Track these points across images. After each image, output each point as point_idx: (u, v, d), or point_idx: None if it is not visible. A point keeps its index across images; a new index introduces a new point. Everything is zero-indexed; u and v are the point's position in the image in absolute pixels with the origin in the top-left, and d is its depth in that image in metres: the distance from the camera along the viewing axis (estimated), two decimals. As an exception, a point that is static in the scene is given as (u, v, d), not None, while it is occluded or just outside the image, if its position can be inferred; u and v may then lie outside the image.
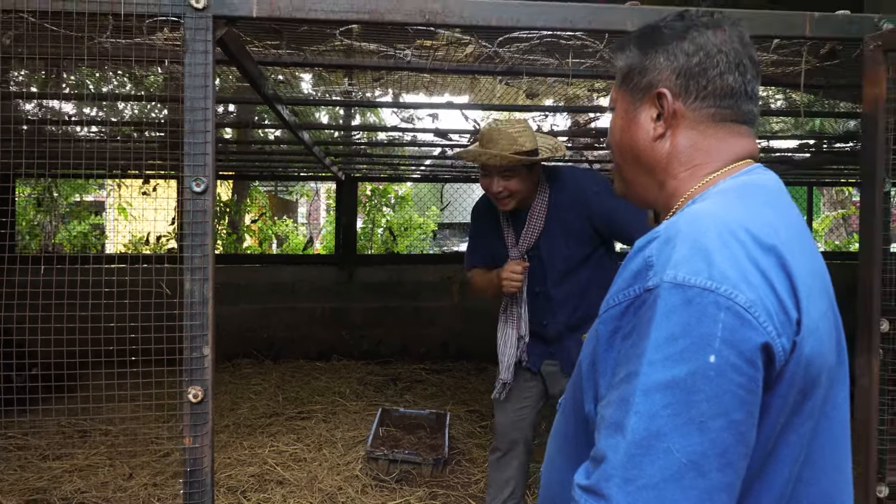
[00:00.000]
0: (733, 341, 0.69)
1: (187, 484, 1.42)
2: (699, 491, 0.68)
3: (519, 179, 2.22)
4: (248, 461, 3.75)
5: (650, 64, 0.92)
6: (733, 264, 0.72)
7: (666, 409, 0.69)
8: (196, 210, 1.40)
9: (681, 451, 0.68)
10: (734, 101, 0.90)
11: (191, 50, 1.38)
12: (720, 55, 0.89)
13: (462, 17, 1.45)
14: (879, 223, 1.53)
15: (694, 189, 0.91)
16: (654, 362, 0.70)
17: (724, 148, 0.91)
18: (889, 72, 1.52)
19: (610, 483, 0.70)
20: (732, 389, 0.69)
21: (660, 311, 0.71)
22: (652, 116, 0.93)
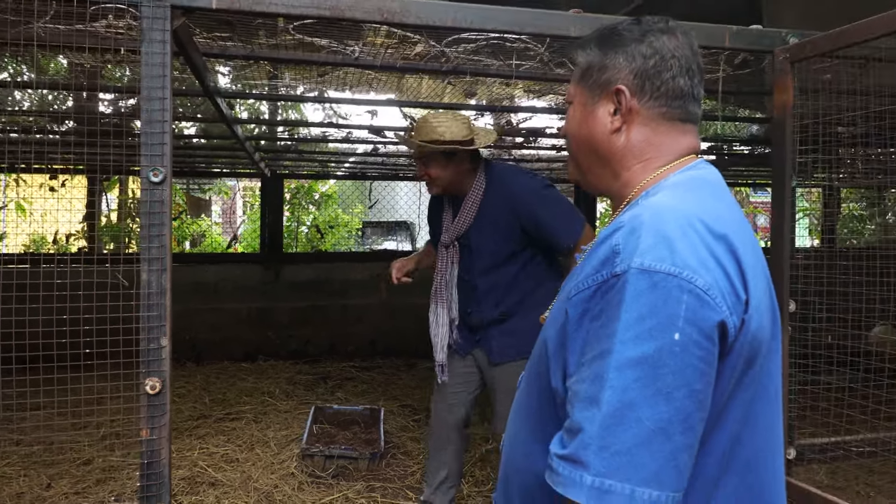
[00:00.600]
0: (695, 320, 0.77)
1: (144, 476, 1.41)
2: (665, 453, 0.76)
3: (436, 166, 2.35)
4: (177, 464, 3.64)
5: (610, 63, 0.99)
6: (692, 252, 0.80)
7: (636, 382, 0.76)
8: (153, 200, 1.40)
9: (650, 419, 0.76)
10: (683, 102, 0.98)
11: (148, 39, 1.37)
12: (673, 60, 0.97)
13: (419, 17, 1.52)
14: (788, 216, 1.72)
15: (646, 181, 1.00)
16: (626, 341, 0.77)
17: (673, 144, 1.00)
18: (795, 81, 1.71)
19: (587, 451, 0.77)
20: (694, 363, 0.77)
21: (629, 294, 0.78)
22: (609, 111, 1.00)
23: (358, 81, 2.53)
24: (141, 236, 1.39)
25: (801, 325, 1.74)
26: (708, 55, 1.96)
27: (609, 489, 0.76)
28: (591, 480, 0.77)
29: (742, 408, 0.88)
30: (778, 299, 1.72)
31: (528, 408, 1.07)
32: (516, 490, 1.06)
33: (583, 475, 0.77)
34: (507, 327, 2.40)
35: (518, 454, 1.07)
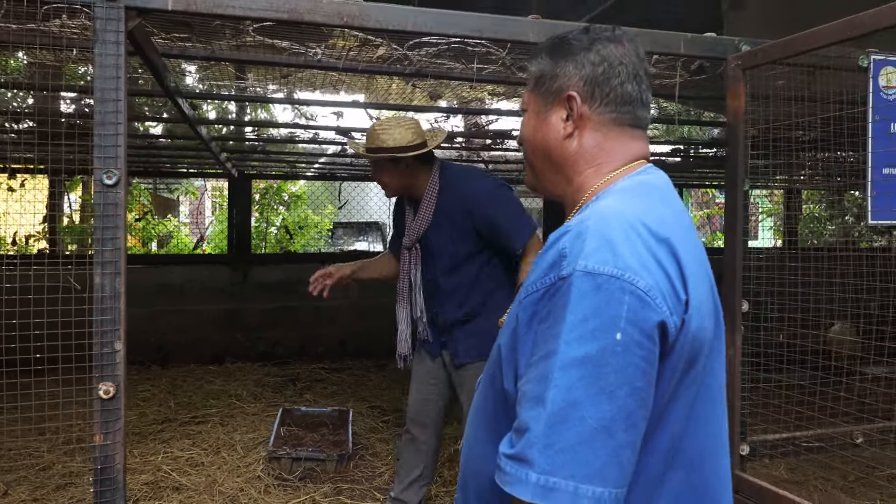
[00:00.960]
0: (636, 321, 0.80)
1: (98, 482, 1.39)
2: (608, 450, 0.78)
3: (384, 173, 2.39)
4: (140, 469, 3.58)
5: (560, 71, 1.02)
6: (634, 254, 0.83)
7: (580, 381, 0.78)
8: (107, 203, 1.38)
9: (593, 418, 0.78)
10: (632, 107, 1.02)
11: (101, 40, 1.35)
12: (621, 66, 1.00)
13: (378, 21, 1.52)
14: (741, 218, 1.77)
15: (597, 185, 1.02)
16: (570, 341, 0.80)
17: (623, 149, 1.03)
18: (747, 87, 1.76)
19: (532, 449, 0.79)
20: (636, 362, 0.80)
21: (574, 296, 0.81)
22: (562, 117, 1.03)
23: (322, 83, 2.53)
24: (94, 239, 1.37)
25: (754, 325, 1.79)
26: (666, 61, 2.01)
27: (553, 486, 0.77)
28: (536, 478, 0.78)
29: (685, 407, 0.91)
30: (731, 299, 1.78)
31: (484, 411, 1.08)
32: (473, 492, 1.07)
33: (528, 473, 0.79)
34: (470, 328, 2.43)
35: (474, 456, 1.08)
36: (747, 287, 1.77)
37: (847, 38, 1.47)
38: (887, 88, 1.94)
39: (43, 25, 1.63)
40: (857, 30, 1.44)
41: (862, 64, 1.87)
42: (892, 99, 1.94)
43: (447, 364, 2.55)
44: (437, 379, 2.59)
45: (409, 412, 2.65)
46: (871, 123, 1.86)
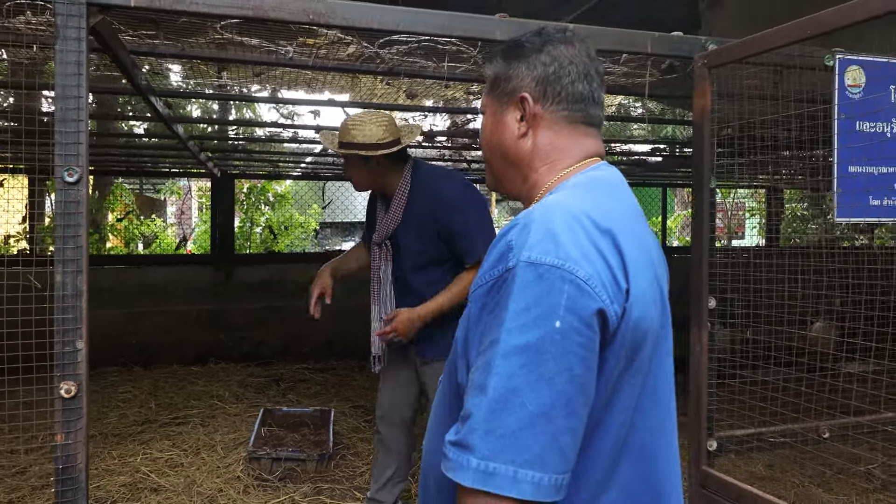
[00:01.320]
0: (575, 309, 0.82)
1: (59, 482, 1.38)
2: (548, 435, 0.80)
3: (354, 169, 2.38)
4: (119, 470, 3.56)
5: (513, 73, 1.06)
6: (576, 245, 0.85)
7: (521, 368, 0.80)
8: (68, 201, 1.37)
9: (533, 404, 0.79)
10: (584, 105, 1.05)
11: (62, 37, 1.34)
12: (571, 66, 1.03)
13: (345, 19, 1.53)
14: (707, 216, 1.79)
15: (551, 182, 1.05)
16: (512, 329, 0.82)
17: (576, 146, 1.06)
18: (713, 85, 1.78)
19: (474, 435, 0.80)
20: (574, 349, 0.81)
21: (517, 285, 0.83)
22: (516, 118, 1.06)
23: (303, 82, 2.52)
24: (55, 237, 1.36)
25: (721, 321, 1.80)
26: (636, 60, 2.02)
27: (493, 471, 0.79)
28: (477, 463, 0.79)
29: (632, 394, 0.92)
30: (698, 296, 1.79)
31: (443, 406, 1.09)
32: (433, 486, 1.08)
33: (469, 458, 0.80)
34: (435, 326, 2.43)
35: (432, 450, 1.09)
36: (713, 285, 1.79)
37: (807, 37, 1.49)
38: (852, 87, 1.96)
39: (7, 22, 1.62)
40: (816, 28, 1.46)
41: (828, 63, 1.90)
42: (857, 98, 1.97)
43: (416, 362, 2.56)
44: (405, 377, 2.59)
45: (379, 412, 2.65)
46: (836, 121, 1.89)
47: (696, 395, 1.75)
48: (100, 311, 5.56)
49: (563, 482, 0.82)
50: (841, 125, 1.92)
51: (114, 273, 6.09)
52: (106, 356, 5.62)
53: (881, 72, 1.94)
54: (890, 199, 2.03)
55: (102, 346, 5.57)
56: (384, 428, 2.64)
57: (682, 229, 12.52)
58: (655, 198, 8.46)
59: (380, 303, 2.51)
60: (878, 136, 1.97)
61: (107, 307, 5.66)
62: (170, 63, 2.89)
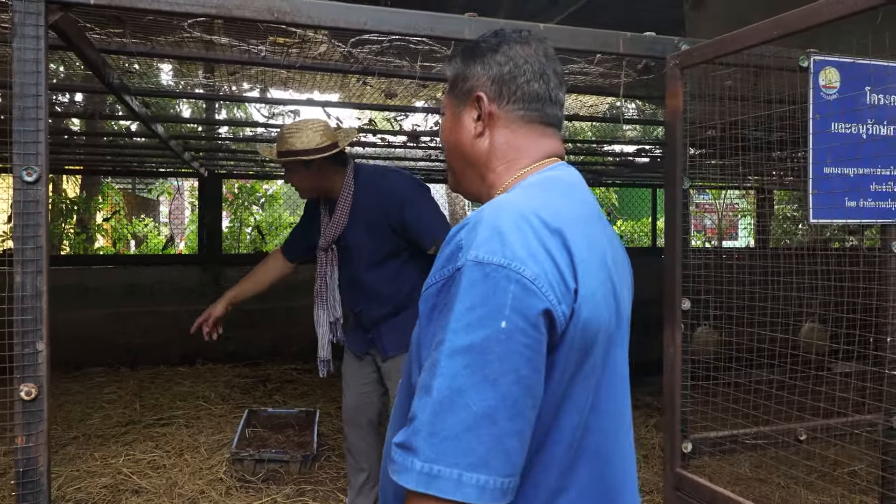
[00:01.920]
0: (520, 308, 0.80)
1: (20, 485, 1.36)
2: (492, 437, 0.78)
3: (295, 175, 2.39)
4: (100, 472, 3.53)
5: (470, 72, 1.05)
6: (523, 244, 0.84)
7: (465, 369, 0.79)
8: (27, 200, 1.35)
9: (477, 405, 0.78)
10: (540, 104, 1.04)
11: (20, 34, 1.33)
12: (527, 65, 1.03)
13: (310, 18, 1.51)
14: (680, 216, 1.78)
15: (508, 182, 1.04)
16: (457, 330, 0.80)
17: (533, 146, 1.05)
18: (686, 86, 1.77)
19: (418, 437, 0.79)
20: (520, 350, 0.80)
21: (463, 285, 0.82)
22: (473, 117, 1.05)
23: (272, 81, 2.51)
24: (14, 237, 1.34)
25: (693, 323, 1.80)
26: (611, 60, 2.02)
27: (437, 474, 0.77)
28: (420, 466, 0.78)
29: (586, 396, 0.91)
30: (671, 297, 1.78)
31: (399, 410, 1.08)
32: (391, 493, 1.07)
33: (413, 461, 0.79)
34: (396, 322, 2.44)
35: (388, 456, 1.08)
36: (686, 286, 1.78)
37: (775, 38, 1.48)
38: (827, 88, 1.96)
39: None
40: (783, 29, 1.45)
41: (802, 64, 1.89)
42: (832, 98, 1.96)
43: (377, 360, 2.55)
44: (368, 378, 2.59)
45: (345, 416, 2.64)
46: (811, 121, 1.88)
47: (671, 396, 1.75)
48: (86, 311, 5.57)
49: (510, 485, 0.80)
50: (816, 126, 1.92)
51: (100, 273, 6.06)
52: (92, 357, 5.59)
53: (856, 73, 1.94)
54: (865, 201, 2.03)
55: (89, 347, 5.55)
56: (350, 432, 2.63)
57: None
58: (645, 199, 8.46)
59: (327, 307, 2.51)
60: (853, 138, 1.97)
61: (94, 307, 5.64)
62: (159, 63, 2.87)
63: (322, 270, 2.51)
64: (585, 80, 2.29)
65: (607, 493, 0.96)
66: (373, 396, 2.59)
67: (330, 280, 2.47)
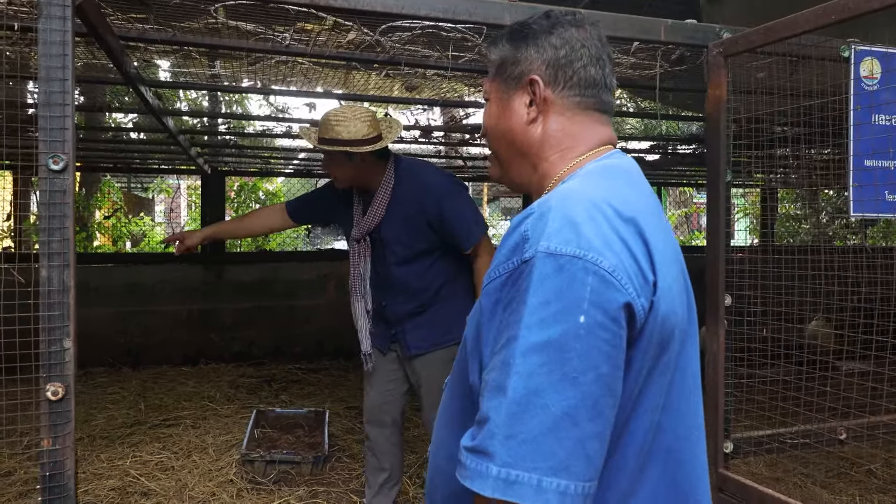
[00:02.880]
0: (599, 302, 0.75)
1: (46, 490, 1.29)
2: (573, 440, 0.73)
3: (338, 165, 2.29)
4: (107, 474, 3.45)
5: (522, 56, 1.00)
6: (598, 234, 0.79)
7: (542, 367, 0.74)
8: (54, 190, 1.28)
9: (556, 405, 0.73)
10: (596, 90, 0.99)
11: (46, 15, 1.26)
12: (583, 49, 0.97)
13: (346, 2, 1.45)
14: (723, 210, 1.72)
15: (564, 171, 0.99)
16: (531, 325, 0.75)
17: (588, 133, 1.00)
18: (729, 75, 1.71)
19: (493, 441, 0.74)
20: (600, 346, 0.75)
21: (535, 278, 0.77)
22: (525, 102, 1.00)
23: (292, 72, 2.44)
24: (41, 229, 1.28)
25: (737, 319, 1.74)
26: (646, 49, 1.96)
27: (515, 479, 0.73)
28: (497, 471, 0.73)
29: (660, 394, 0.86)
30: (714, 294, 1.73)
31: (451, 409, 1.03)
32: (440, 495, 1.01)
33: (489, 466, 0.74)
34: (421, 320, 2.40)
35: (442, 458, 1.02)
36: (729, 281, 1.73)
37: (828, 24, 1.43)
38: (868, 79, 1.91)
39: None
40: (838, 14, 1.40)
41: (843, 54, 1.84)
42: (873, 89, 1.91)
43: (400, 357, 2.50)
44: (392, 376, 2.53)
45: (367, 414, 2.57)
46: (852, 113, 1.83)
47: (713, 395, 1.69)
48: (87, 310, 5.47)
49: (591, 490, 0.75)
50: (856, 117, 1.87)
51: (101, 271, 5.97)
52: (93, 356, 5.51)
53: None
54: (906, 194, 1.98)
55: (89, 346, 5.46)
56: (373, 431, 2.57)
57: (674, 229, 12.53)
58: (650, 196, 8.41)
59: (358, 298, 2.45)
60: (893, 130, 1.92)
61: (95, 306, 5.55)
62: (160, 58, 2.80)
63: (354, 261, 2.45)
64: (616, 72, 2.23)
65: (679, 495, 0.90)
66: (396, 394, 2.53)
67: (363, 271, 2.42)
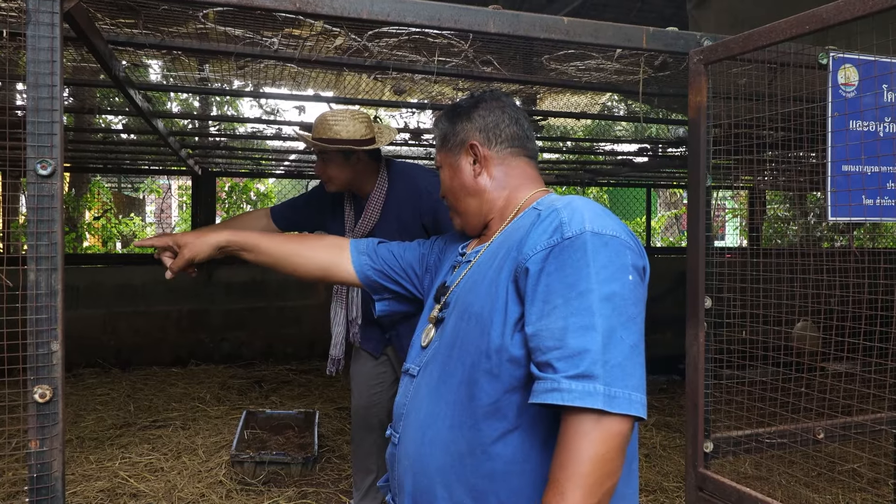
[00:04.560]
0: (635, 266, 1.06)
1: (34, 491, 1.30)
2: (640, 365, 1.01)
3: (334, 166, 2.27)
4: (97, 476, 3.46)
5: (459, 128, 1.31)
6: (617, 224, 1.10)
7: (614, 311, 1.00)
8: (42, 195, 1.30)
9: (628, 339, 1.00)
10: (521, 141, 1.30)
11: (34, 21, 1.27)
12: (504, 115, 1.30)
13: (333, 8, 1.47)
14: (703, 214, 1.76)
15: (527, 199, 1.26)
16: (601, 280, 1.01)
17: (526, 174, 1.30)
18: (709, 82, 1.75)
19: (596, 366, 0.96)
20: (640, 294, 1.06)
21: (590, 249, 1.02)
22: (469, 162, 1.30)
23: (281, 75, 2.45)
24: (28, 233, 1.29)
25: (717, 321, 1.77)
26: (629, 56, 1.99)
27: (615, 395, 0.95)
28: (604, 389, 0.95)
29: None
30: (694, 295, 1.76)
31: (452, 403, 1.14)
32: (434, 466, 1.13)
33: (595, 386, 0.95)
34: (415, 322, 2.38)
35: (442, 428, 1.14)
36: (709, 284, 1.76)
37: (806, 32, 1.47)
38: (845, 86, 1.95)
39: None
40: (813, 24, 1.43)
41: (821, 61, 1.88)
42: (850, 96, 1.95)
43: (392, 361, 2.51)
44: (381, 379, 2.54)
45: (355, 417, 2.59)
46: (830, 119, 1.87)
47: (693, 395, 1.72)
48: (76, 311, 5.47)
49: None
50: (834, 124, 1.91)
51: (90, 273, 5.96)
52: (82, 358, 5.50)
53: (874, 71, 1.93)
54: (883, 199, 2.02)
55: (79, 348, 5.46)
56: (360, 433, 2.58)
57: (665, 230, 12.59)
58: (640, 198, 8.48)
59: (346, 304, 2.45)
60: (870, 136, 1.96)
61: (83, 307, 5.54)
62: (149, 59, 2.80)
63: None
64: (600, 77, 2.27)
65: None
66: (384, 397, 2.55)
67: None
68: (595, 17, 4.12)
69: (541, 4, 5.04)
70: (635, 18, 5.37)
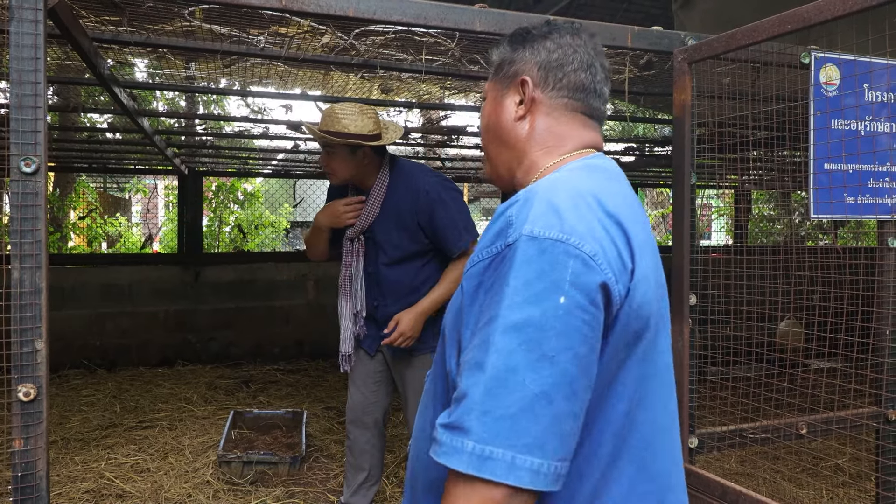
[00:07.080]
0: (579, 284, 0.78)
1: (18, 490, 1.30)
2: (549, 418, 0.75)
3: (340, 159, 2.29)
4: (82, 477, 3.43)
5: (517, 57, 1.05)
6: (581, 221, 0.82)
7: (521, 346, 0.75)
8: (26, 192, 1.29)
9: (533, 383, 0.75)
10: (585, 95, 1.03)
11: (17, 18, 1.26)
12: (575, 55, 1.02)
13: (319, 6, 1.47)
14: (688, 211, 1.78)
15: (549, 166, 1.03)
16: (513, 305, 0.77)
17: (574, 135, 1.04)
18: (693, 81, 1.77)
19: (470, 416, 0.75)
20: (578, 326, 0.77)
21: (518, 260, 0.79)
22: (515, 101, 1.05)
23: (267, 74, 2.44)
24: (12, 231, 1.28)
25: (702, 318, 1.80)
26: (615, 55, 2.01)
27: (490, 455, 0.74)
28: (472, 447, 0.74)
29: (635, 383, 0.89)
30: (679, 292, 1.78)
31: (433, 400, 1.05)
32: (421, 485, 1.03)
33: (464, 441, 0.75)
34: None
35: (423, 451, 1.03)
36: (694, 280, 1.78)
37: (788, 31, 1.49)
38: (827, 85, 1.98)
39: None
40: (794, 24, 1.45)
41: (804, 61, 1.91)
42: (832, 95, 1.98)
43: (387, 359, 2.51)
44: (378, 377, 2.54)
45: (350, 415, 2.59)
46: (812, 118, 1.90)
47: (678, 391, 1.74)
48: (62, 311, 5.41)
49: (563, 470, 0.77)
50: (816, 122, 1.93)
51: (75, 273, 5.90)
52: (68, 358, 5.45)
53: (854, 70, 1.96)
54: (864, 197, 2.05)
55: (64, 348, 5.40)
56: (355, 431, 2.58)
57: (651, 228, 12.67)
58: (627, 197, 8.50)
59: (351, 299, 2.45)
60: (851, 134, 1.99)
61: (69, 308, 5.49)
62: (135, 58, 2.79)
63: (347, 261, 2.45)
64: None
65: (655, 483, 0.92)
66: (380, 395, 2.55)
67: (354, 271, 2.41)
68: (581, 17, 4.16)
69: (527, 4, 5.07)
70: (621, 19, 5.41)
